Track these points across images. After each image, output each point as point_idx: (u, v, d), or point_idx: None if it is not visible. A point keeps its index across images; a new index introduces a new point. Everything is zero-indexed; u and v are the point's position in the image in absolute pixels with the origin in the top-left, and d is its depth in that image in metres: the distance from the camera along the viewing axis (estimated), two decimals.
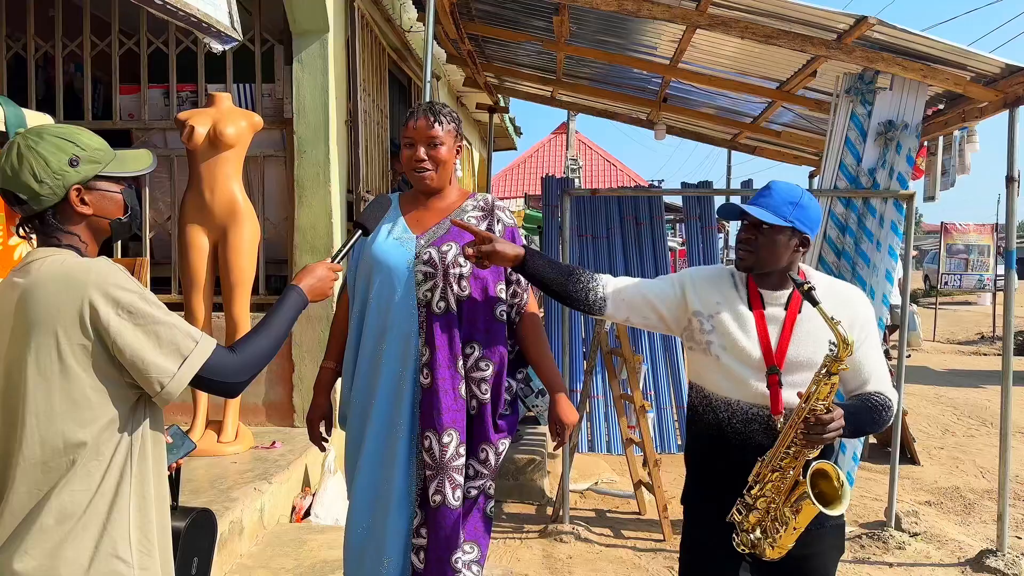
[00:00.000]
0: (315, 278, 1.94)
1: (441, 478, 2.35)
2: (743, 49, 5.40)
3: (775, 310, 2.20)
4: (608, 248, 6.63)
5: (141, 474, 1.62)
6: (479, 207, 2.50)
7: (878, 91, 4.70)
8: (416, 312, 2.38)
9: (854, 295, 2.23)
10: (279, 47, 5.09)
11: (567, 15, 5.50)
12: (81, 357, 1.53)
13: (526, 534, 4.74)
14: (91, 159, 1.64)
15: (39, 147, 1.60)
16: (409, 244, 2.41)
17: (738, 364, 2.18)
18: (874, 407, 2.13)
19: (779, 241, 2.14)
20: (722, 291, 2.26)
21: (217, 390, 1.66)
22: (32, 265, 1.58)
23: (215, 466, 4.07)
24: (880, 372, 2.20)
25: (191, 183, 4.24)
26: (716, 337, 2.22)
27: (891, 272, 4.67)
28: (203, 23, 2.47)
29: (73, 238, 1.64)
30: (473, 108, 10.56)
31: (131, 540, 1.59)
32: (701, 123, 8.08)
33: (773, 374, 2.13)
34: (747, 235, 2.19)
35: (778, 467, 2.01)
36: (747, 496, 2.06)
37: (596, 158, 25.63)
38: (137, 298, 1.56)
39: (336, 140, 4.94)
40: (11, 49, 5.24)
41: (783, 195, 2.16)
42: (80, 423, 1.54)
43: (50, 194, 1.60)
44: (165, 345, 1.56)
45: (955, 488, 5.82)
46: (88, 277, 1.54)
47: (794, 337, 2.15)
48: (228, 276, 4.24)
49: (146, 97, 5.17)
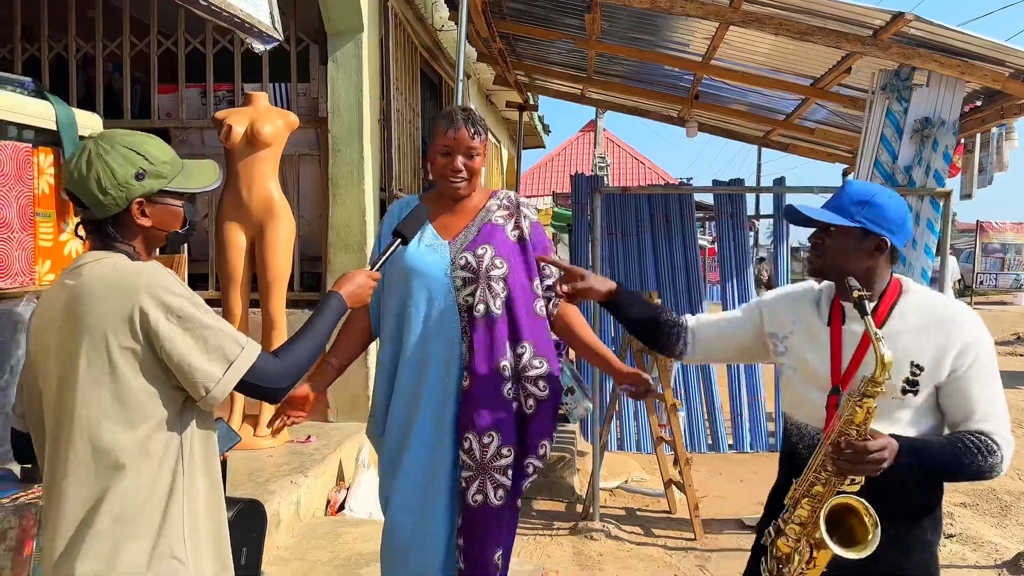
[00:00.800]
0: (355, 285, 1.96)
1: (483, 479, 2.36)
2: (777, 46, 5.37)
3: (855, 325, 1.98)
4: (638, 246, 6.61)
5: (192, 474, 1.63)
6: (503, 205, 2.50)
7: (914, 88, 4.66)
8: (458, 317, 2.39)
9: (957, 316, 1.92)
10: (314, 47, 5.15)
11: (599, 12, 5.51)
12: (130, 360, 1.55)
13: (556, 531, 4.75)
14: (157, 173, 1.64)
15: (108, 156, 1.60)
16: (442, 250, 2.41)
17: (806, 385, 2.04)
18: (966, 448, 1.82)
19: (847, 244, 1.95)
20: (799, 308, 2.12)
21: (260, 395, 1.67)
22: (84, 268, 1.60)
23: (252, 459, 4.14)
24: (988, 409, 1.87)
25: (228, 181, 4.31)
26: (787, 358, 2.10)
27: (927, 270, 4.63)
28: (246, 23, 2.51)
29: (128, 247, 1.65)
30: (503, 106, 10.58)
31: (185, 539, 1.61)
32: (733, 120, 8.04)
33: (834, 394, 1.95)
34: (815, 239, 2.03)
35: (808, 494, 1.86)
36: (780, 520, 1.93)
37: (624, 156, 25.53)
38: (187, 303, 1.57)
39: (369, 139, 4.99)
40: (53, 50, 5.35)
41: (852, 194, 1.98)
42: (128, 424, 1.56)
43: (112, 205, 1.61)
44: (212, 350, 1.58)
45: (991, 490, 5.74)
46: (139, 281, 1.56)
47: (869, 356, 1.92)
48: (265, 273, 4.31)
49: (184, 96, 5.26)
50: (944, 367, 1.87)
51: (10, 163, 2.14)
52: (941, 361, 1.86)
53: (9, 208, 2.13)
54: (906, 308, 1.95)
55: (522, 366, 2.41)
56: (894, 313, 1.95)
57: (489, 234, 2.42)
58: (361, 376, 4.89)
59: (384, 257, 2.13)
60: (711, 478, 5.87)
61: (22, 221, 2.19)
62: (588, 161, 22.91)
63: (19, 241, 2.17)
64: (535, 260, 2.46)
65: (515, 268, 2.42)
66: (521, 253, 2.46)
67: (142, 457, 1.57)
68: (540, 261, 2.44)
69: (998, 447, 1.83)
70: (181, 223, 1.73)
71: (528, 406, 2.42)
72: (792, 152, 8.29)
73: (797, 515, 1.87)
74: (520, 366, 2.41)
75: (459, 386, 2.39)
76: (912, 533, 1.93)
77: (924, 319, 1.91)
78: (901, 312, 1.95)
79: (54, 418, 1.61)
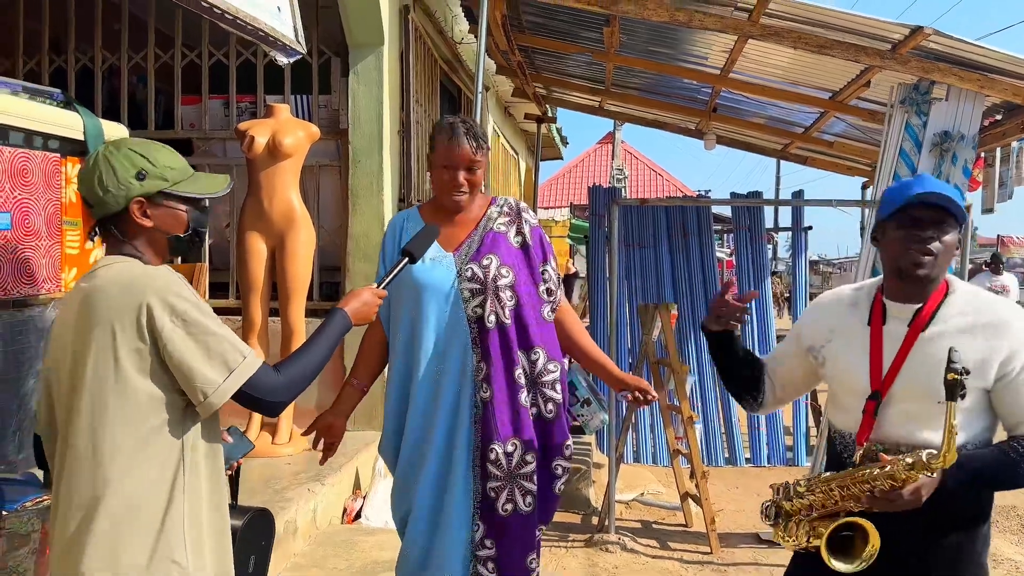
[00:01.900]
0: (360, 302, 1.97)
1: (511, 487, 2.38)
2: (795, 59, 5.37)
3: (896, 326, 1.89)
4: (655, 258, 6.62)
5: (194, 478, 1.66)
6: (504, 212, 2.50)
7: (933, 101, 4.65)
8: (468, 328, 2.40)
9: (1005, 318, 1.81)
10: (336, 59, 5.22)
11: (618, 26, 5.54)
12: (135, 360, 1.58)
13: (571, 543, 4.75)
14: (159, 175, 1.68)
15: (112, 158, 1.66)
16: (447, 262, 2.41)
17: (846, 391, 1.96)
18: (1017, 458, 1.76)
19: (955, 240, 1.83)
20: (838, 314, 2.02)
21: (258, 407, 1.68)
22: (98, 271, 1.65)
23: (270, 467, 4.17)
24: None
25: (250, 191, 4.36)
26: (828, 368, 2.01)
27: None
28: (270, 37, 2.56)
29: (130, 247, 1.69)
30: (521, 118, 10.63)
31: (186, 543, 1.63)
32: (751, 133, 8.04)
33: (872, 400, 1.87)
34: (928, 233, 1.80)
35: (828, 489, 1.82)
36: (796, 487, 1.89)
37: (642, 167, 25.54)
38: (192, 307, 1.60)
39: (389, 150, 5.04)
40: (79, 61, 5.45)
41: (949, 189, 1.82)
42: (131, 425, 1.58)
43: (112, 202, 1.65)
44: (214, 356, 1.60)
45: (1012, 507, 5.67)
46: (148, 282, 1.60)
47: (911, 359, 1.84)
48: (285, 282, 4.35)
49: (207, 107, 5.34)
50: (991, 371, 1.78)
51: (39, 172, 2.19)
52: (987, 365, 1.78)
53: (38, 216, 2.18)
54: (951, 309, 1.85)
55: (537, 372, 2.42)
56: (939, 315, 1.85)
57: (492, 243, 2.43)
58: (379, 385, 4.89)
59: (391, 275, 2.12)
60: (728, 491, 5.84)
61: (50, 229, 2.24)
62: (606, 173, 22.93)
63: (47, 249, 2.22)
64: (538, 265, 2.48)
65: (521, 275, 2.43)
66: (525, 259, 2.47)
67: (143, 459, 1.60)
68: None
69: None
70: (184, 227, 1.75)
71: (548, 410, 2.44)
72: (811, 165, 8.28)
73: (809, 499, 1.84)
74: (535, 372, 2.42)
75: (473, 398, 2.41)
76: (963, 545, 1.86)
77: (970, 321, 1.82)
78: (946, 314, 1.85)
79: (63, 417, 1.65)
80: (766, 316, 6.65)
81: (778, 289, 10.22)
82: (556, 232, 14.92)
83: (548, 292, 2.51)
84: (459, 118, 2.46)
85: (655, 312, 5.02)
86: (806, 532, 1.83)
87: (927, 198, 1.79)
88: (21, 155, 2.12)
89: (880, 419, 1.87)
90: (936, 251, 1.80)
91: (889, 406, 1.86)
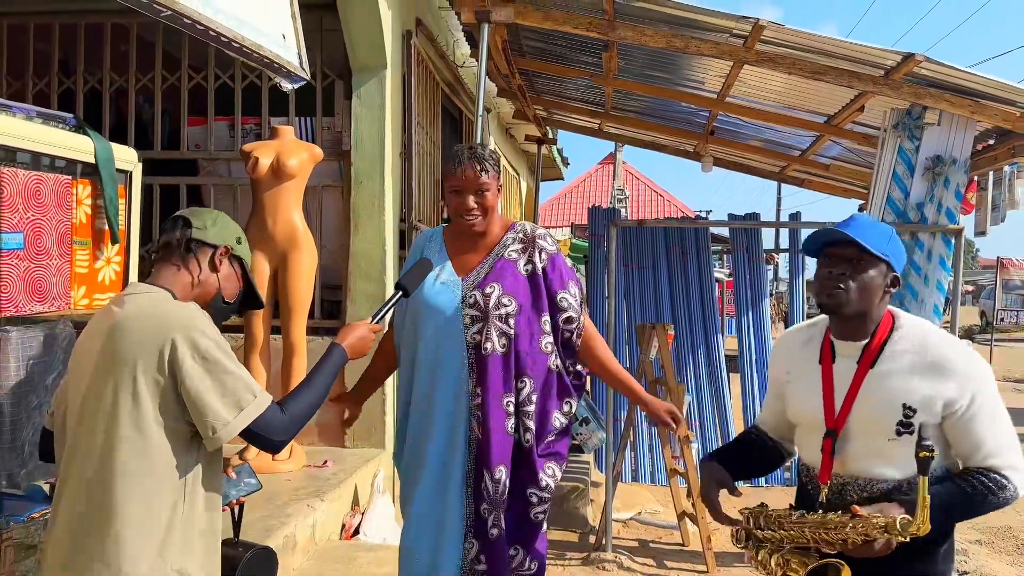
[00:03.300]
0: (356, 337, 2.06)
1: (498, 512, 2.45)
2: (791, 84, 5.47)
3: (846, 364, 1.93)
4: (654, 279, 6.67)
5: (193, 504, 1.74)
6: (519, 239, 2.55)
7: (926, 126, 4.73)
8: (466, 354, 2.46)
9: (948, 358, 1.85)
10: (339, 82, 5.31)
11: (616, 51, 5.64)
12: (153, 391, 1.67)
13: (568, 561, 4.78)
14: (244, 253, 1.95)
15: (222, 217, 1.94)
16: (455, 287, 2.48)
17: (805, 429, 2.01)
18: (975, 492, 1.80)
19: (875, 278, 1.86)
20: (792, 353, 2.08)
21: (261, 444, 1.77)
22: (130, 298, 1.76)
23: (270, 483, 4.21)
24: (994, 445, 1.83)
25: (254, 211, 4.44)
26: (789, 407, 2.08)
27: (938, 307, 4.66)
28: (274, 63, 2.64)
29: (186, 278, 1.84)
30: (522, 140, 10.74)
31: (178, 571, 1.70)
32: (749, 155, 8.13)
33: (828, 437, 1.91)
34: (839, 270, 1.88)
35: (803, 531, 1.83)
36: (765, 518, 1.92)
37: (643, 188, 25.67)
38: (214, 346, 1.71)
39: (391, 171, 5.13)
40: (87, 83, 5.55)
41: (876, 227, 1.90)
42: (140, 452, 1.66)
43: (214, 236, 1.87)
44: (228, 394, 1.69)
45: (1007, 528, 5.70)
46: (175, 319, 1.70)
47: (861, 396, 1.88)
48: (287, 300, 4.42)
49: (212, 129, 5.43)
50: (936, 410, 1.84)
51: (51, 194, 2.26)
52: (933, 403, 1.83)
53: (49, 236, 2.25)
54: (897, 347, 1.90)
55: (521, 400, 2.47)
56: (885, 353, 1.90)
57: (500, 271, 2.48)
58: (378, 402, 4.97)
59: (386, 309, 2.20)
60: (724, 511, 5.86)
61: (60, 248, 2.31)
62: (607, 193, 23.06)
63: (57, 267, 2.29)
64: (547, 295, 2.51)
65: (524, 304, 2.47)
66: (532, 289, 2.50)
67: (149, 484, 1.67)
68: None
69: (1008, 480, 1.81)
70: (234, 294, 1.95)
71: (526, 440, 2.48)
72: (808, 187, 8.36)
73: (781, 534, 1.87)
74: (520, 400, 2.47)
75: (469, 422, 2.47)
76: (924, 567, 1.90)
77: (914, 361, 1.86)
78: (892, 352, 1.90)
79: (72, 433, 1.72)
80: (763, 336, 6.70)
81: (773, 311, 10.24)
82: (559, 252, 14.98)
83: (568, 320, 2.53)
84: (468, 145, 2.54)
85: (652, 332, 5.08)
86: (779, 565, 1.87)
87: (833, 236, 1.88)
88: (35, 177, 2.19)
89: (838, 456, 1.92)
90: (848, 288, 1.86)
91: (845, 443, 1.91)
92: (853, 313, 1.88)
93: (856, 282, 1.86)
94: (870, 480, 1.88)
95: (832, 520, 1.78)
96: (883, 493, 1.87)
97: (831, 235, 1.89)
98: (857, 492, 1.91)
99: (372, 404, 4.97)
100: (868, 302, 1.88)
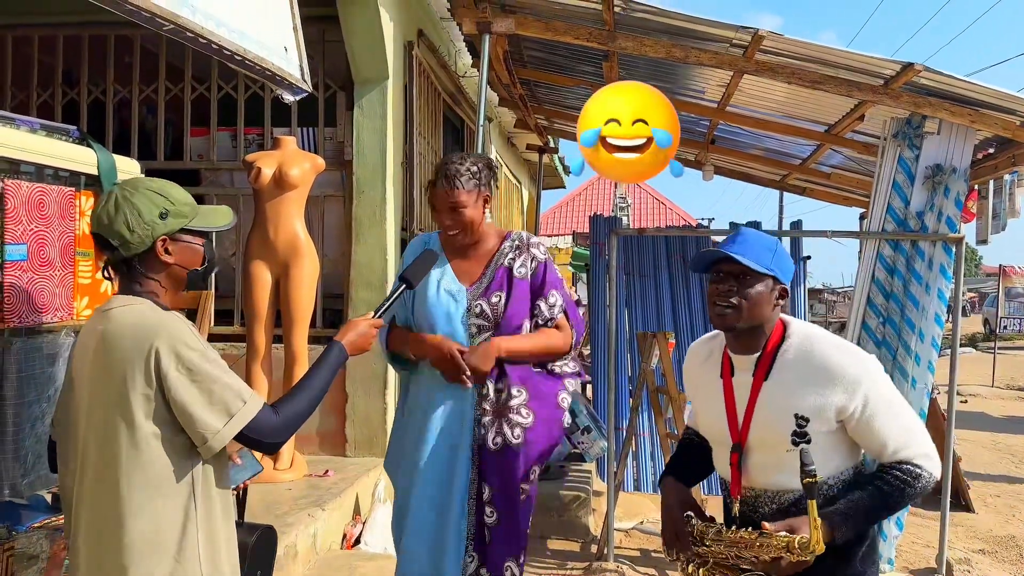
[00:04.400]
0: (356, 334, 2.02)
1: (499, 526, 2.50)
2: (791, 93, 5.48)
3: (743, 377, 1.96)
4: (655, 287, 6.68)
5: (208, 509, 1.73)
6: (515, 247, 2.59)
7: (926, 135, 4.74)
8: None
9: (832, 365, 1.87)
10: (341, 93, 5.34)
11: (616, 61, 5.66)
12: (144, 405, 1.66)
13: (570, 571, 4.77)
14: (179, 213, 1.78)
15: (134, 199, 1.74)
16: (460, 296, 2.51)
17: (714, 443, 2.05)
18: (891, 489, 1.84)
19: (762, 293, 1.90)
20: (697, 369, 2.12)
21: (256, 447, 1.77)
22: (112, 312, 1.73)
23: (271, 492, 4.22)
24: (899, 439, 1.86)
25: (256, 221, 4.46)
26: (699, 422, 2.11)
27: (940, 316, 4.66)
28: (277, 76, 2.67)
29: (153, 283, 1.78)
30: (523, 148, 10.77)
31: (201, 564, 1.70)
32: (750, 164, 8.14)
33: (734, 452, 1.94)
34: (726, 287, 1.92)
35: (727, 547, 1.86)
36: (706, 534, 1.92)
37: (645, 196, 25.69)
38: (198, 356, 1.68)
39: (392, 181, 5.15)
40: (91, 94, 5.58)
41: (760, 242, 1.94)
42: (142, 466, 1.66)
43: (139, 243, 1.73)
44: (216, 403, 1.68)
45: (1011, 537, 5.69)
46: (158, 329, 1.68)
47: (758, 409, 1.91)
48: (289, 309, 4.43)
49: (215, 139, 5.46)
50: (828, 416, 1.85)
51: (55, 205, 2.28)
52: (825, 411, 1.85)
53: (52, 247, 2.27)
54: (787, 356, 1.92)
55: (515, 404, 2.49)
56: (776, 364, 1.92)
57: (501, 279, 2.52)
58: (379, 411, 4.98)
59: (389, 303, 2.18)
60: None
61: (64, 260, 2.33)
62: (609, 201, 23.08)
63: (61, 278, 2.31)
64: (531, 300, 2.54)
65: (523, 312, 2.52)
66: (528, 296, 2.55)
67: (156, 495, 1.67)
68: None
69: (921, 468, 1.84)
70: (200, 261, 1.84)
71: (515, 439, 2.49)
72: (809, 196, 8.37)
73: (704, 549, 1.90)
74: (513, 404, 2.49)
75: (474, 432, 2.48)
76: (844, 568, 1.91)
77: (803, 370, 1.88)
78: (783, 363, 1.92)
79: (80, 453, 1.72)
80: None
81: None
82: (559, 260, 15.03)
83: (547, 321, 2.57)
84: (445, 160, 2.53)
85: (653, 340, 5.09)
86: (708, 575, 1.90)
87: (715, 255, 1.93)
88: (38, 189, 2.21)
89: (744, 469, 1.95)
90: (736, 303, 1.89)
91: (749, 456, 1.94)
92: (744, 328, 1.92)
93: (743, 297, 1.89)
94: (778, 492, 1.91)
95: (744, 538, 1.82)
96: (792, 503, 1.89)
97: (714, 254, 1.94)
98: (768, 504, 1.93)
99: (373, 413, 5.00)
100: (757, 316, 1.91)
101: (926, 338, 4.58)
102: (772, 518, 1.86)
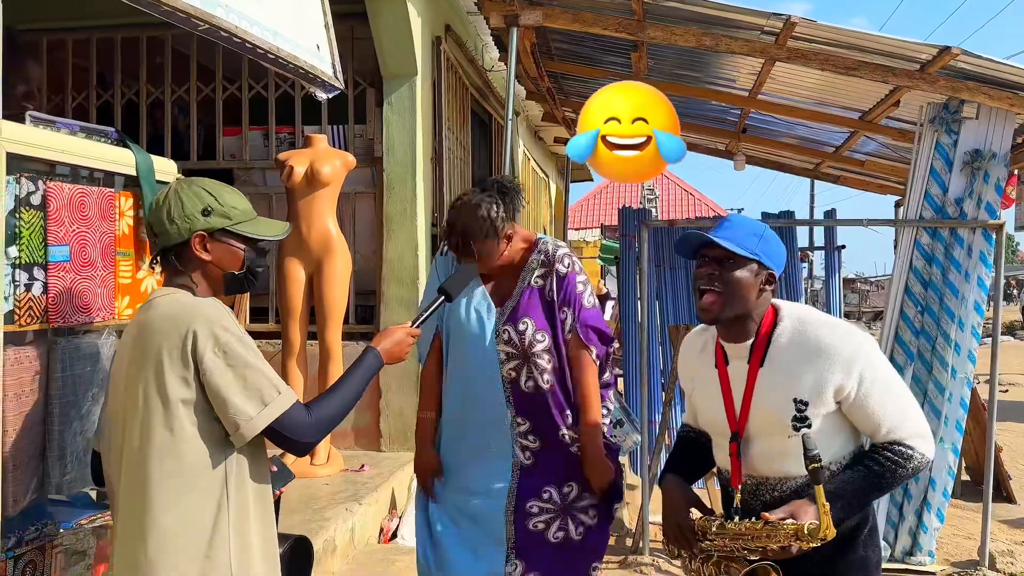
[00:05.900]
0: (392, 341, 1.99)
1: (564, 518, 2.53)
2: (824, 80, 5.40)
3: (738, 365, 1.94)
4: (686, 279, 6.63)
5: (240, 505, 1.72)
6: (542, 262, 2.54)
7: (964, 120, 4.64)
8: (502, 387, 2.49)
9: (827, 344, 1.84)
10: (371, 90, 5.36)
11: (645, 51, 5.62)
12: (182, 389, 1.66)
13: (605, 564, 4.75)
14: (223, 214, 1.79)
15: (183, 192, 1.78)
16: (491, 317, 2.49)
17: (713, 434, 2.03)
18: (882, 470, 1.81)
19: (746, 277, 1.86)
20: (692, 360, 2.09)
21: (285, 445, 1.73)
22: (153, 301, 1.76)
23: (309, 487, 4.26)
24: (893, 419, 1.84)
25: (289, 219, 4.49)
26: (698, 415, 2.09)
27: (980, 304, 4.57)
28: (310, 74, 2.68)
29: (186, 278, 1.79)
30: (551, 142, 10.74)
31: (232, 560, 1.69)
32: (782, 153, 8.05)
33: (733, 441, 1.92)
34: (709, 271, 1.88)
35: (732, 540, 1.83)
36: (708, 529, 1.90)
37: (674, 188, 25.51)
38: (235, 340, 1.68)
39: (422, 177, 5.16)
40: (125, 95, 5.66)
41: (746, 227, 1.92)
42: (177, 453, 1.66)
43: (175, 234, 1.76)
44: (250, 389, 1.67)
45: None
46: (196, 312, 1.69)
47: (756, 397, 1.89)
48: (322, 306, 4.47)
49: (247, 138, 5.51)
50: (827, 398, 1.83)
51: (95, 206, 2.31)
52: (823, 392, 1.83)
53: (94, 248, 2.30)
54: (781, 341, 1.89)
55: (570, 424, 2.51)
56: (771, 349, 1.90)
57: (528, 303, 2.49)
58: (412, 407, 4.99)
59: (427, 314, 2.12)
60: None
61: (104, 260, 2.36)
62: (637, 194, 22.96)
63: (102, 279, 2.34)
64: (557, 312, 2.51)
65: (547, 337, 2.50)
66: (556, 314, 2.51)
67: (189, 486, 1.67)
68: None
69: (913, 449, 1.82)
70: (239, 265, 1.84)
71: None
72: (843, 184, 8.26)
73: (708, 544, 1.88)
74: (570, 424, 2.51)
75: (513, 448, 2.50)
76: (846, 553, 1.90)
77: (798, 352, 1.86)
78: (777, 347, 1.89)
79: (119, 443, 1.73)
80: None
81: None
82: (587, 253, 14.99)
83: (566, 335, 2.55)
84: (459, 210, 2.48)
85: (685, 333, 5.05)
86: (715, 570, 1.88)
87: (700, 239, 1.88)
88: (79, 191, 2.25)
89: (745, 458, 1.92)
90: (719, 289, 1.86)
91: (749, 445, 1.92)
92: (730, 317, 1.89)
93: (725, 282, 1.86)
94: (780, 479, 1.89)
95: (748, 529, 1.79)
96: (795, 491, 1.87)
97: (699, 239, 1.91)
98: (769, 492, 1.91)
99: (407, 408, 5.03)
100: (742, 303, 1.88)
101: (966, 327, 4.50)
102: (774, 506, 1.85)
